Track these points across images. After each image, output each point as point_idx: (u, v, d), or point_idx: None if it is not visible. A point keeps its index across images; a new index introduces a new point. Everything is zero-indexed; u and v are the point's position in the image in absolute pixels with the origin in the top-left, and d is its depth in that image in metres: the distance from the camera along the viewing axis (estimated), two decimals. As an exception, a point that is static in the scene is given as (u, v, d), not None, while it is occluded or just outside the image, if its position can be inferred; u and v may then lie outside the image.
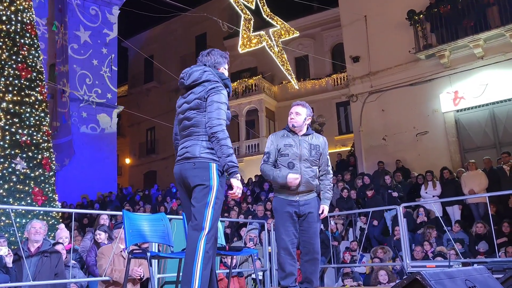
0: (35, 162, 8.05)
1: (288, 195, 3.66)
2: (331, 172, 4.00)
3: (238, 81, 21.74)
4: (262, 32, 10.41)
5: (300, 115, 3.79)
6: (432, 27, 11.69)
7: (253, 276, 6.50)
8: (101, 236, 5.55)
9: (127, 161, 27.40)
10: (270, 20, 10.43)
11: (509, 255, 6.37)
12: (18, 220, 7.22)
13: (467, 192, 8.70)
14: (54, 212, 7.97)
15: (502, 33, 10.51)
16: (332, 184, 4.04)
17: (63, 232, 6.00)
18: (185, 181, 2.89)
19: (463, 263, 5.52)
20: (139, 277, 4.69)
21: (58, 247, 5.08)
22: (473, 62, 11.23)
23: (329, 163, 3.99)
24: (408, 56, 12.07)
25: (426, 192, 9.45)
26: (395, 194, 9.39)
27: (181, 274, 3.06)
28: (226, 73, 3.13)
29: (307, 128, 3.86)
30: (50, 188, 8.22)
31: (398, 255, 7.03)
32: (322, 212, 3.77)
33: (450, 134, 11.54)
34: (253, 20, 10.22)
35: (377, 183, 10.34)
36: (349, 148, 16.58)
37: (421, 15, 11.78)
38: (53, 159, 8.58)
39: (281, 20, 10.73)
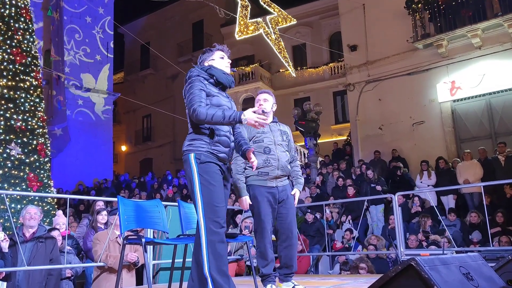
0: (30, 148, 8.00)
1: (266, 181, 3.65)
2: (297, 157, 4.09)
3: (234, 68, 21.61)
4: (259, 19, 10.33)
5: (267, 101, 3.84)
6: (431, 16, 11.64)
7: (248, 263, 6.53)
8: (103, 217, 5.53)
9: (123, 148, 27.34)
10: (267, 7, 10.34)
11: (502, 244, 6.42)
12: (13, 205, 7.21)
13: (462, 181, 8.74)
14: (50, 198, 7.95)
15: (500, 23, 10.48)
16: (301, 170, 4.14)
17: (60, 218, 5.99)
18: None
19: (457, 251, 5.56)
20: (134, 262, 4.70)
21: (54, 233, 5.08)
22: (471, 52, 11.20)
23: (295, 150, 4.11)
24: (406, 45, 12.03)
25: (421, 182, 9.49)
26: (378, 187, 9.27)
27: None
28: (220, 61, 3.16)
29: (273, 116, 3.87)
30: (45, 174, 8.18)
31: (393, 243, 7.09)
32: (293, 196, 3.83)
33: (447, 124, 11.56)
34: (250, 7, 10.13)
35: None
36: (345, 137, 16.61)
37: (420, 4, 11.71)
38: (48, 145, 8.54)
39: (278, 7, 10.63)
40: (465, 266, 1.79)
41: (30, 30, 8.75)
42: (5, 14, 8.30)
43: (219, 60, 3.16)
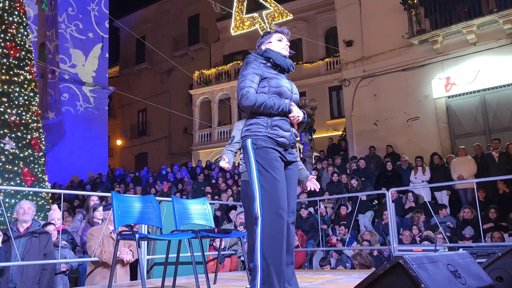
0: (24, 142, 7.98)
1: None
2: None
3: (231, 63, 21.60)
4: (255, 14, 10.31)
5: None
6: (426, 12, 11.64)
7: (242, 258, 6.56)
8: (101, 213, 5.53)
9: (118, 142, 27.30)
10: (263, 2, 10.32)
11: (494, 240, 6.47)
12: (7, 200, 7.20)
13: (456, 177, 8.79)
14: (44, 193, 7.94)
15: (496, 19, 10.50)
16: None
17: (55, 213, 5.97)
18: None
19: (449, 247, 5.61)
20: (128, 261, 4.72)
21: (50, 228, 5.07)
22: (466, 48, 11.23)
23: None
24: (401, 41, 12.04)
25: (416, 177, 9.54)
26: (363, 197, 8.99)
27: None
28: (275, 44, 3.00)
29: None
30: (39, 169, 8.17)
31: (386, 239, 7.13)
32: None
33: (441, 120, 11.60)
34: (246, 1, 10.11)
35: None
36: (340, 133, 16.64)
37: (415, 0, 11.71)
38: (43, 139, 8.51)
39: (275, 2, 10.62)
40: (453, 263, 1.81)
41: (24, 24, 8.70)
42: (-2, 7, 8.25)
43: (277, 43, 3.00)
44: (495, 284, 2.23)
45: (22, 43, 8.50)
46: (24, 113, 8.14)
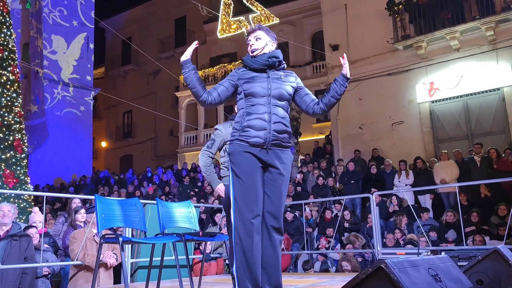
0: (6, 144, 7.87)
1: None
2: None
3: (217, 66, 21.58)
4: (241, 18, 10.32)
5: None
6: (411, 18, 11.79)
7: (227, 261, 6.55)
8: (83, 216, 5.46)
9: (103, 144, 27.03)
10: (250, 6, 10.34)
11: (476, 243, 6.57)
12: (-12, 202, 7.07)
13: (439, 181, 8.90)
14: (26, 195, 7.83)
15: (478, 26, 10.68)
16: None
17: (37, 216, 5.89)
18: None
19: (432, 250, 5.67)
20: (111, 264, 4.68)
21: (31, 231, 5.00)
22: (449, 54, 11.40)
23: None
24: (386, 46, 12.17)
25: (399, 181, 9.64)
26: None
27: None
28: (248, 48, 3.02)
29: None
30: (22, 171, 8.06)
31: (370, 242, 7.18)
32: None
33: (425, 124, 11.75)
34: (233, 5, 10.12)
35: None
36: (325, 136, 16.72)
37: (400, 6, 11.86)
38: (25, 141, 8.40)
39: (261, 6, 10.65)
40: (434, 267, 1.84)
41: (8, 24, 8.59)
42: (-19, 6, 8.13)
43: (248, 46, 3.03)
44: (475, 287, 2.27)
45: (5, 43, 8.39)
46: (6, 114, 8.02)
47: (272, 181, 2.79)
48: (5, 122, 7.96)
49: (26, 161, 8.34)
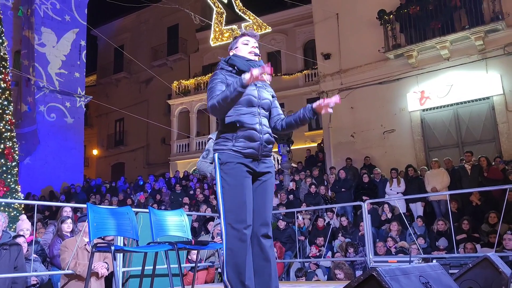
0: (-3, 151, 7.80)
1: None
2: None
3: (209, 74, 21.62)
4: (234, 26, 10.39)
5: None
6: (402, 27, 11.93)
7: (219, 270, 6.52)
8: (69, 226, 5.42)
9: (95, 152, 26.88)
10: (242, 15, 10.42)
11: (467, 251, 6.61)
12: (-23, 211, 7.00)
13: (430, 189, 8.96)
14: (16, 204, 7.76)
15: (468, 36, 10.83)
16: None
17: (24, 224, 5.83)
18: None
19: (423, 258, 5.70)
20: (103, 274, 4.64)
21: (19, 240, 4.95)
22: (440, 63, 11.53)
23: None
24: (378, 55, 12.29)
25: (391, 189, 9.69)
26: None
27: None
28: (240, 49, 2.93)
29: None
30: (12, 179, 8.00)
31: (362, 250, 7.20)
32: None
33: (416, 132, 11.84)
34: (225, 14, 10.18)
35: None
36: (317, 143, 16.78)
37: (391, 15, 11.99)
38: (16, 149, 8.34)
39: (254, 15, 10.73)
40: (425, 275, 1.86)
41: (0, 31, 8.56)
42: (-27, 14, 8.10)
43: (243, 47, 2.93)
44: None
45: (-3, 50, 8.35)
46: (-3, 122, 7.97)
47: (262, 190, 2.81)
48: (-4, 130, 7.92)
49: (16, 169, 8.28)
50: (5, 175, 7.82)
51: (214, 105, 2.63)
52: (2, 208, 7.21)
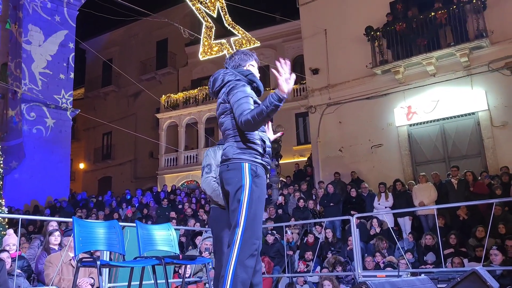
0: (-19, 165, 7.67)
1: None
2: None
3: (198, 88, 21.66)
4: (223, 41, 10.43)
5: None
6: (388, 44, 12.10)
7: (207, 285, 6.45)
8: (56, 238, 5.30)
9: (81, 166, 26.59)
10: (231, 29, 10.47)
11: (455, 265, 6.63)
12: (-41, 225, 6.85)
13: (418, 204, 9.00)
14: (0, 218, 7.61)
15: (453, 52, 11.02)
16: None
17: (11, 239, 5.70)
18: (224, 187, 2.84)
19: (412, 273, 5.70)
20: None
21: (3, 255, 4.85)
22: (426, 79, 11.69)
23: None
24: (365, 70, 12.43)
25: (379, 203, 9.72)
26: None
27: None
28: (254, 69, 3.03)
29: None
30: (-4, 193, 7.85)
31: (351, 265, 7.18)
32: None
33: (403, 147, 11.94)
34: (214, 28, 10.23)
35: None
36: (306, 158, 16.82)
37: (378, 32, 12.17)
38: (1, 162, 8.21)
39: (243, 29, 10.78)
40: (414, 289, 1.85)
41: (-14, 43, 8.48)
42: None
43: (254, 69, 3.03)
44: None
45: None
46: (-18, 135, 7.85)
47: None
48: (-19, 143, 7.79)
49: (1, 182, 8.14)
50: (-11, 188, 7.69)
51: (249, 120, 2.63)
52: (-15, 222, 7.06)
